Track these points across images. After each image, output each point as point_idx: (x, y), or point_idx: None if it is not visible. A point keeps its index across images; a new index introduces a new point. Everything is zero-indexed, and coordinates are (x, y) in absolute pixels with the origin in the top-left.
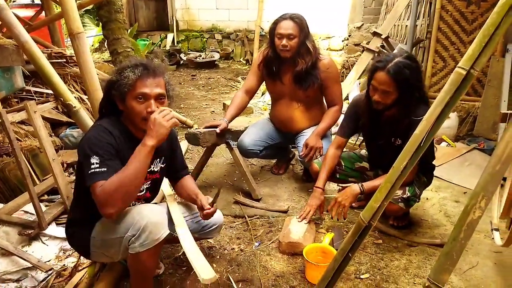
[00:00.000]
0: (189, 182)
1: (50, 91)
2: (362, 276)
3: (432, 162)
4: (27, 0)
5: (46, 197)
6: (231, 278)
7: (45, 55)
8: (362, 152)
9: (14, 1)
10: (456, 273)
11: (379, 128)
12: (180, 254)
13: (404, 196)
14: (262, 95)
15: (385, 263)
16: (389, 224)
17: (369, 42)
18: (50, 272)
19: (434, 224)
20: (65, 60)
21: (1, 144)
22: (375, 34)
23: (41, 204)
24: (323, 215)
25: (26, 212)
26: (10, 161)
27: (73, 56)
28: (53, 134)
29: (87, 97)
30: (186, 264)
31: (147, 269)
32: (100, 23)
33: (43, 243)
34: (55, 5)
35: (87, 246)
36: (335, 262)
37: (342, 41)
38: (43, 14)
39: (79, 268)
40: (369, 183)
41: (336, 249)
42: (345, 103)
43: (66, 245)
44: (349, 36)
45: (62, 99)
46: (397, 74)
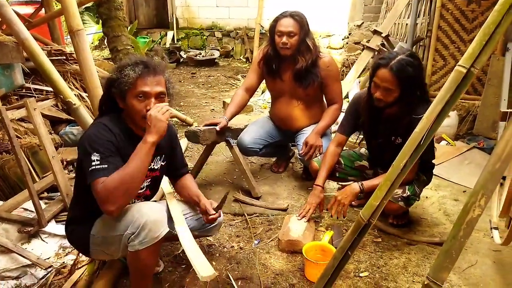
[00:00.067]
0: (190, 182)
1: (50, 89)
2: (361, 274)
3: (432, 161)
4: None
5: (45, 194)
6: (230, 276)
7: (45, 52)
8: (362, 150)
9: None
10: (455, 271)
11: (379, 126)
12: (179, 252)
13: (404, 195)
14: (262, 93)
15: (384, 262)
16: (389, 222)
17: (369, 40)
18: (49, 270)
19: (433, 223)
20: (65, 57)
21: (1, 141)
22: (375, 32)
23: (40, 201)
24: (322, 213)
25: (25, 209)
26: (10, 158)
27: (73, 54)
28: (52, 132)
29: (87, 94)
30: (186, 262)
31: (146, 267)
32: (100, 21)
33: (43, 240)
34: (55, 2)
35: (87, 243)
36: (335, 260)
37: (342, 39)
38: (43, 11)
39: (79, 266)
40: (369, 182)
41: (336, 247)
42: (345, 101)
43: (66, 242)
44: (349, 34)
45: (62, 96)
46: (400, 72)
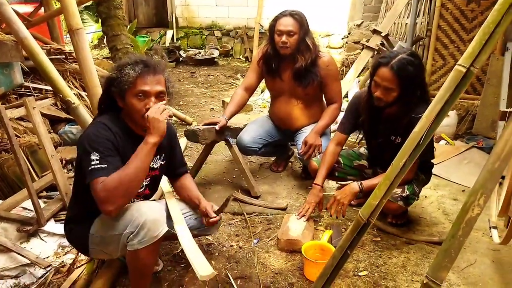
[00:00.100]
0: (189, 183)
1: (49, 88)
2: (360, 274)
3: (432, 160)
4: None
5: (44, 193)
6: (229, 275)
7: (44, 51)
8: (361, 150)
9: None
10: (454, 270)
11: (379, 126)
12: (178, 251)
13: (403, 194)
14: (261, 92)
15: (383, 261)
16: (388, 221)
17: (368, 40)
18: (48, 269)
19: (432, 222)
20: (64, 56)
21: (0, 140)
22: (375, 32)
23: (39, 200)
24: (321, 213)
25: (24, 208)
26: (9, 157)
27: (72, 53)
28: (52, 131)
29: (86, 93)
30: (185, 261)
31: (145, 266)
32: (100, 20)
33: (42, 239)
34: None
35: (86, 243)
36: (334, 259)
37: (342, 38)
38: (42, 10)
39: (78, 265)
40: (368, 181)
41: (335, 247)
42: (344, 101)
43: (65, 241)
44: (349, 34)
45: (61, 95)
46: (401, 71)
